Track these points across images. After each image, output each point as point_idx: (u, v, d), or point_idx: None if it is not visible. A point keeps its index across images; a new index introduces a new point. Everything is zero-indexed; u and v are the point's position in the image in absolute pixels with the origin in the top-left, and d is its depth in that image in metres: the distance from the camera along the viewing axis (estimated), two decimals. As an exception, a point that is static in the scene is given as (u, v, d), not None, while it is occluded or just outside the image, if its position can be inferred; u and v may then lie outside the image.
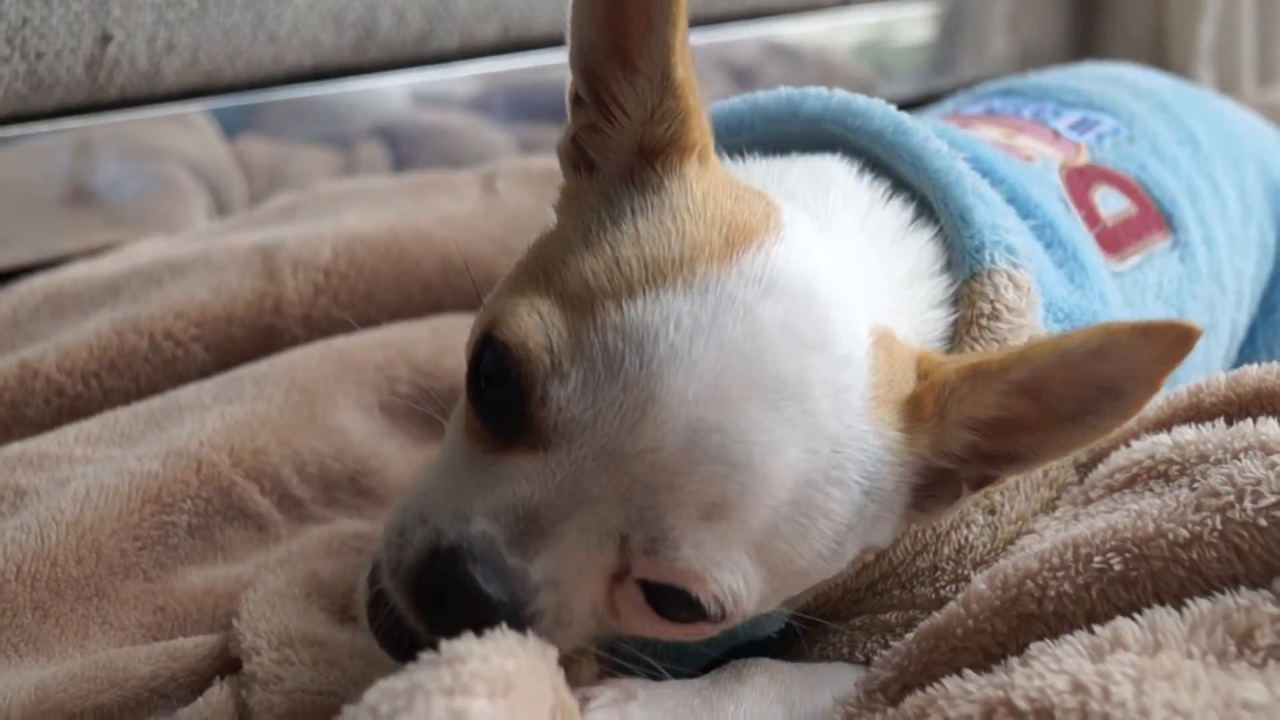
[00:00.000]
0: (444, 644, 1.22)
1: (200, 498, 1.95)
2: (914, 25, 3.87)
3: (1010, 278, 1.59)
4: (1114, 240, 1.88)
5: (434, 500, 1.37)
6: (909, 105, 2.32)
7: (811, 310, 1.33)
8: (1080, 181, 1.93)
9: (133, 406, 2.15)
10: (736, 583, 1.31)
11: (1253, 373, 1.69)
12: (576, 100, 1.50)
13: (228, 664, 1.70)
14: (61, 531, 1.82)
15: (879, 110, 1.72)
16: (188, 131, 2.76)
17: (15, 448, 2.05)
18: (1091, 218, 1.88)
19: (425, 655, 1.21)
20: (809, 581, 1.43)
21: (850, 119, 1.72)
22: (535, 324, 1.34)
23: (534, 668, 1.23)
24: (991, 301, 1.58)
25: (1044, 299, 1.65)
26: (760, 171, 1.63)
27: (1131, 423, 1.69)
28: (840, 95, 1.75)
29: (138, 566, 1.87)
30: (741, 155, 1.69)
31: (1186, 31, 3.89)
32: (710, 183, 1.42)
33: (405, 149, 3.03)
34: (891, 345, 1.39)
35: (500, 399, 1.34)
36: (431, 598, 1.32)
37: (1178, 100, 2.24)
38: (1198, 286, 1.96)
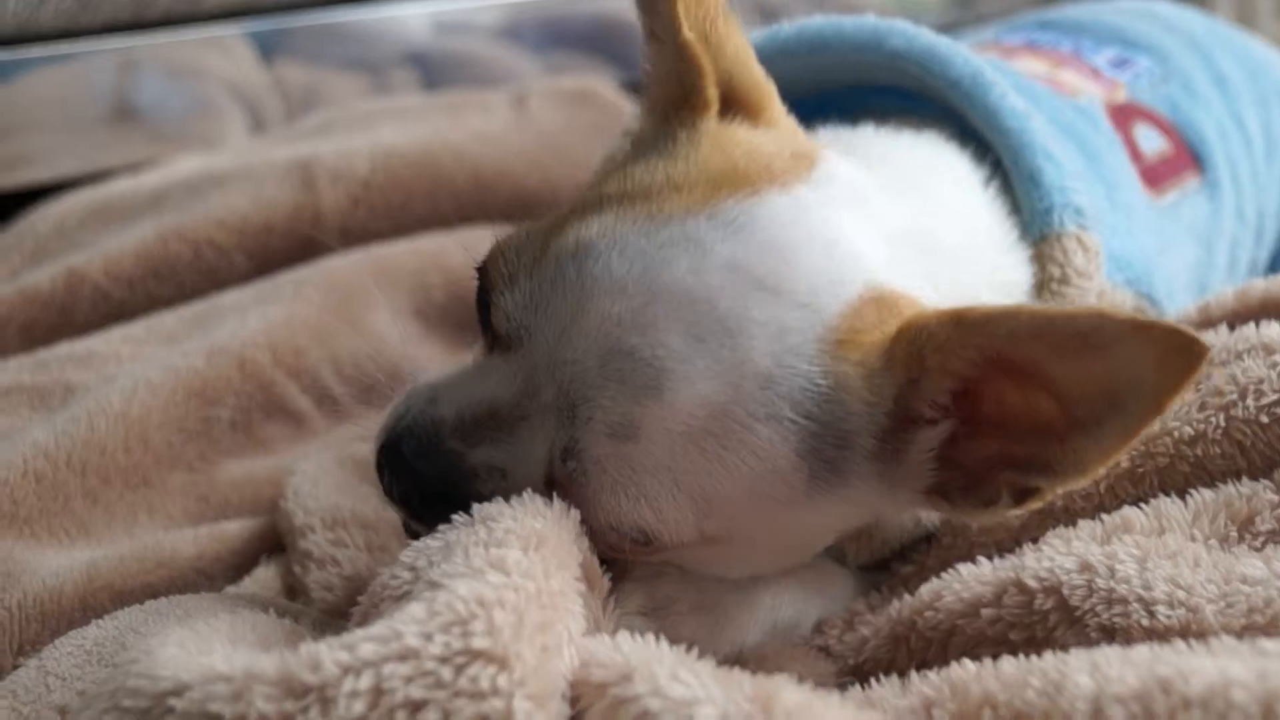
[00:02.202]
0: (476, 506, 1.27)
1: (242, 393, 2.01)
2: (937, -40, 3.89)
3: (1079, 240, 1.61)
4: (1155, 177, 1.90)
5: (426, 387, 1.43)
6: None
7: (776, 256, 1.32)
8: (1122, 118, 1.94)
9: (177, 310, 2.21)
10: (637, 512, 1.30)
11: (1259, 284, 1.74)
12: None
13: (270, 545, 1.77)
14: (110, 422, 1.87)
15: (960, 59, 1.71)
16: (227, 54, 2.80)
17: (64, 347, 2.11)
18: (1135, 154, 1.90)
19: (458, 517, 1.27)
20: (769, 528, 1.38)
21: (932, 63, 1.71)
22: (511, 240, 1.41)
23: (561, 526, 1.27)
24: (1061, 266, 1.60)
25: (1108, 251, 1.66)
26: (869, 140, 1.63)
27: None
28: (925, 37, 1.74)
29: (182, 457, 1.93)
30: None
31: (1206, -36, 3.91)
32: (727, 138, 1.43)
33: (436, 76, 3.06)
34: (895, 304, 1.34)
35: (480, 306, 1.42)
36: (387, 469, 1.40)
37: (1208, 37, 2.24)
38: (1223, 224, 1.99)
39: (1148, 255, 1.74)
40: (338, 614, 1.58)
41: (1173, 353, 1.16)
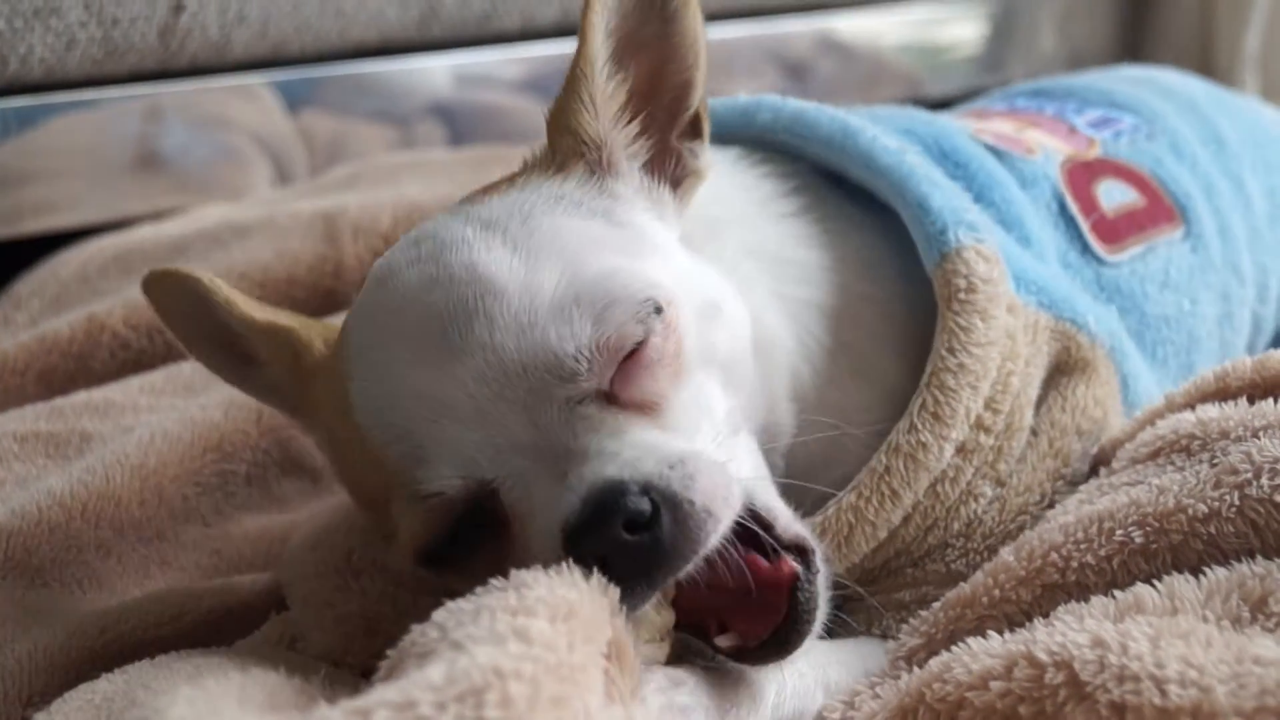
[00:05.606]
0: (512, 572, 1.28)
1: (259, 448, 2.01)
2: (965, 23, 3.90)
3: (978, 252, 1.67)
4: (1112, 230, 1.95)
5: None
6: (957, 102, 2.37)
7: (433, 240, 1.49)
8: (1084, 174, 1.99)
9: (195, 360, 2.19)
10: (625, 330, 1.42)
11: (1278, 356, 1.73)
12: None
13: (282, 600, 1.75)
14: (126, 474, 1.88)
15: (826, 118, 1.82)
16: (254, 103, 2.81)
17: (81, 396, 2.12)
18: (1089, 207, 1.95)
19: (494, 581, 1.27)
20: (656, 267, 1.52)
21: (801, 128, 1.82)
22: (404, 525, 1.45)
23: (595, 602, 1.27)
24: (965, 276, 1.65)
25: (1012, 272, 1.72)
26: None
27: (1159, 403, 1.75)
28: (793, 105, 1.85)
29: (197, 511, 1.94)
30: None
31: (1232, 39, 3.90)
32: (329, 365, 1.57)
33: (462, 127, 3.08)
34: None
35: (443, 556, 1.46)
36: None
37: (1210, 103, 2.31)
38: (1211, 276, 2.02)
39: (1070, 297, 1.79)
40: (335, 653, 1.61)
41: None
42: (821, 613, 1.48)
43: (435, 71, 3.03)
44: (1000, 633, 1.44)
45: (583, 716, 1.14)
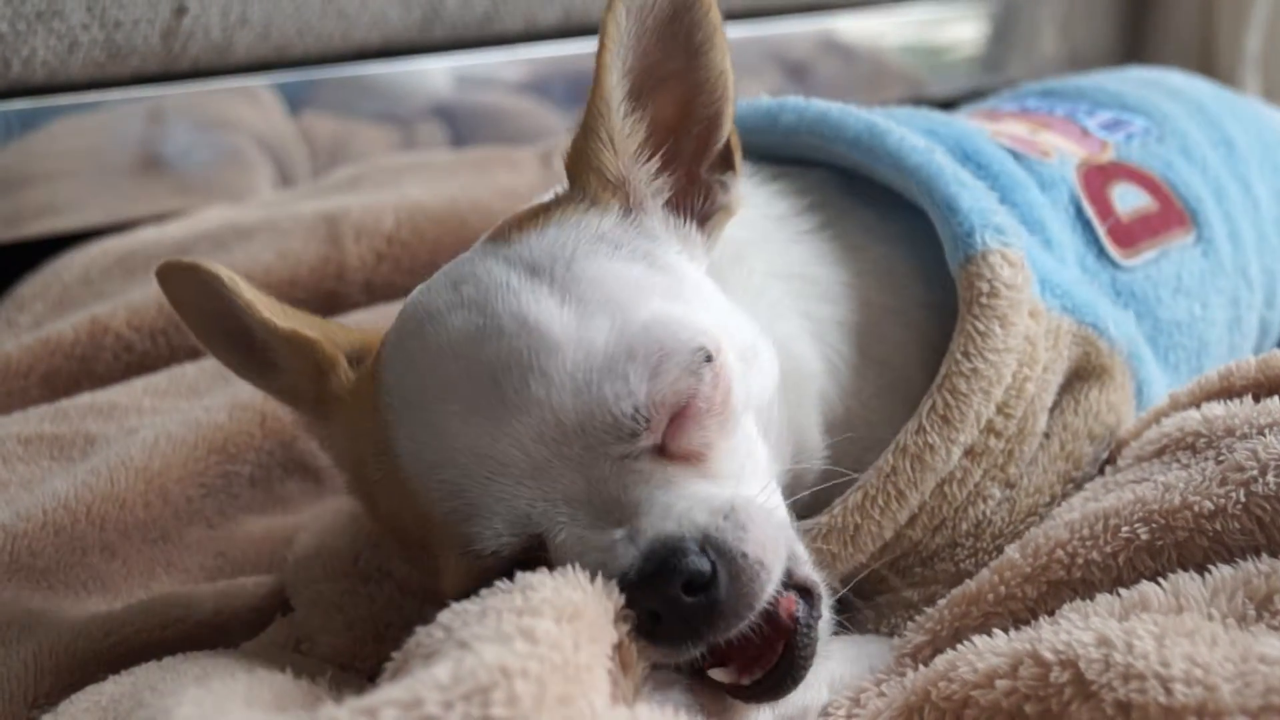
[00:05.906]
0: (518, 574, 1.28)
1: (263, 450, 2.01)
2: (966, 24, 3.90)
3: (1004, 256, 1.66)
4: (1127, 235, 1.94)
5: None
6: (958, 102, 2.37)
7: (474, 284, 1.46)
8: (1099, 177, 1.99)
9: (199, 362, 2.21)
10: (684, 383, 1.40)
11: (1282, 354, 1.74)
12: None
13: (286, 602, 1.75)
14: (130, 476, 1.88)
15: (852, 118, 1.81)
16: (256, 105, 2.81)
17: (86, 398, 2.11)
18: (1104, 212, 1.94)
19: (499, 583, 1.28)
20: (704, 308, 1.51)
21: (826, 129, 1.81)
22: (450, 573, 1.43)
23: (600, 604, 1.28)
24: (989, 281, 1.64)
25: (1038, 275, 1.71)
26: None
27: (1164, 402, 1.75)
28: (817, 106, 1.84)
29: (201, 513, 1.94)
30: None
31: (1234, 39, 3.89)
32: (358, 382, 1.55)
33: (464, 129, 3.07)
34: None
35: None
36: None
37: (1217, 105, 2.29)
38: (1221, 281, 2.02)
39: (1093, 302, 1.78)
40: (343, 657, 1.62)
41: None
42: (821, 658, 1.48)
43: (437, 73, 3.03)
44: (1005, 630, 1.45)
45: (589, 716, 1.15)
